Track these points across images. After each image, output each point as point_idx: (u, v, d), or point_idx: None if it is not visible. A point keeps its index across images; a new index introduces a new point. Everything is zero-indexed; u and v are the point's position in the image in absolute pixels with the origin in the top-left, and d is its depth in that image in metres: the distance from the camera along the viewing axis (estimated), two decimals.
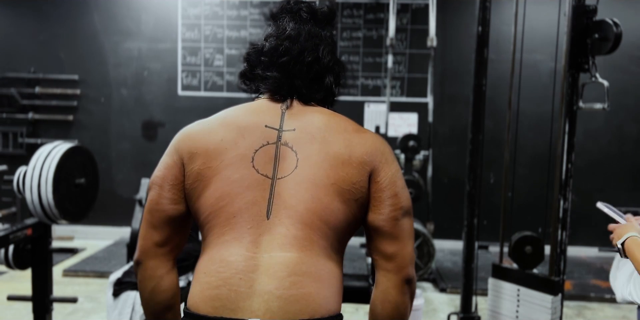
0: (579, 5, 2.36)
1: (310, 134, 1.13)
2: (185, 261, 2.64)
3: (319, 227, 1.07)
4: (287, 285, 1.01)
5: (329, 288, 1.06)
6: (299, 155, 1.10)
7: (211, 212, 1.09)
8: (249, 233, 1.05)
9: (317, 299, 1.02)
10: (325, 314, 1.03)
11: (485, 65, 2.74)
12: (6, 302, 2.84)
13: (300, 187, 1.07)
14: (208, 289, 1.03)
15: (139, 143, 5.49)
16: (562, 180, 2.45)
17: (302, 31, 1.19)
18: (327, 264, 1.07)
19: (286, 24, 1.21)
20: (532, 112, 4.47)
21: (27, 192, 2.40)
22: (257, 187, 1.08)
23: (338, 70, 1.23)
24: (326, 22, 1.25)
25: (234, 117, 1.17)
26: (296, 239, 1.05)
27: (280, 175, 1.09)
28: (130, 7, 5.38)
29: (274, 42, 1.19)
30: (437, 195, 5.00)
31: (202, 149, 1.13)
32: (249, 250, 1.04)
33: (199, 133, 1.16)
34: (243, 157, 1.10)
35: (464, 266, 2.84)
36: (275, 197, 1.07)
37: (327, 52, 1.20)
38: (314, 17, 1.23)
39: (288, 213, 1.06)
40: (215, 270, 1.05)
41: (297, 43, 1.18)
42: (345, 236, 1.14)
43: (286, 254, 1.03)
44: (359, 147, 1.13)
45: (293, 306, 1.00)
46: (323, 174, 1.09)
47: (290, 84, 1.18)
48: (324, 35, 1.22)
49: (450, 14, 5.17)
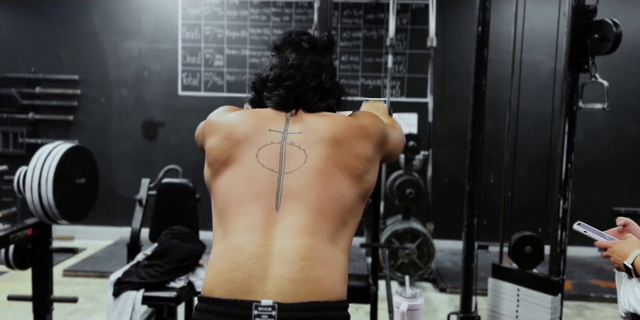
0: (579, 5, 2.36)
1: (317, 134, 1.20)
2: (185, 261, 2.64)
3: (329, 211, 1.13)
4: (298, 269, 1.06)
5: (336, 273, 1.11)
6: (307, 152, 1.17)
7: (224, 202, 1.17)
8: (260, 223, 1.11)
9: (326, 281, 1.08)
10: (332, 297, 1.08)
11: (485, 65, 2.74)
12: (6, 302, 2.84)
13: (312, 178, 1.14)
14: (222, 274, 1.08)
15: (139, 143, 5.49)
16: (562, 180, 2.45)
17: (304, 60, 1.30)
18: (334, 251, 1.13)
19: (289, 55, 1.31)
20: (532, 112, 4.47)
21: (27, 192, 2.40)
22: (263, 180, 1.15)
23: (339, 94, 1.34)
24: (326, 51, 1.36)
25: (240, 120, 1.25)
26: (306, 226, 1.10)
27: (288, 170, 1.16)
28: (130, 7, 5.38)
29: (278, 71, 1.29)
30: (437, 195, 5.00)
31: (225, 130, 1.24)
32: (261, 238, 1.09)
33: (223, 118, 1.29)
34: (248, 154, 1.18)
35: (464, 266, 2.84)
36: (283, 190, 1.13)
37: (329, 78, 1.31)
38: (314, 46, 1.33)
39: (298, 204, 1.12)
40: (229, 255, 1.09)
41: (300, 71, 1.28)
42: (354, 218, 1.20)
43: (296, 240, 1.09)
44: (359, 120, 1.27)
45: (303, 288, 1.05)
46: (332, 164, 1.16)
47: (295, 99, 1.27)
48: (324, 63, 1.33)
49: (450, 14, 5.17)
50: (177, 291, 2.50)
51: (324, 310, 1.05)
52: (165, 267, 2.57)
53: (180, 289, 2.52)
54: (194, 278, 2.64)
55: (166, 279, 2.54)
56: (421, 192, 4.39)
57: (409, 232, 4.26)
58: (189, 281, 2.61)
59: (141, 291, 2.46)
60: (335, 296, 1.08)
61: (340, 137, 1.19)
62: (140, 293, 2.46)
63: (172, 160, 4.98)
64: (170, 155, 5.39)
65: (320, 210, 1.12)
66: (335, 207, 1.14)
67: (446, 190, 5.23)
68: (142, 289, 2.47)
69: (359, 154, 1.20)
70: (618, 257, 1.41)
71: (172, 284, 2.54)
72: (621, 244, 1.42)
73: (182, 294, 2.52)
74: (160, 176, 3.22)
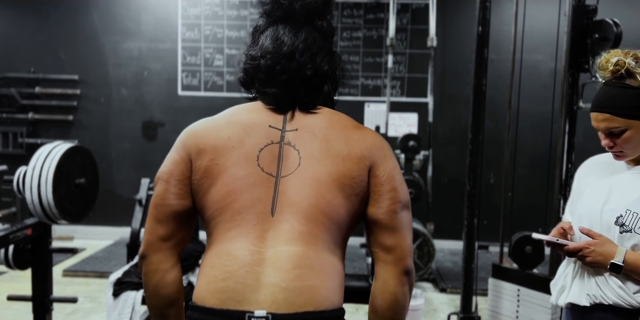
0: (579, 5, 2.36)
1: (311, 132, 1.16)
2: (185, 261, 2.64)
3: (322, 222, 1.10)
4: (292, 277, 1.04)
5: (332, 281, 1.09)
6: (301, 153, 1.13)
7: (217, 209, 1.12)
8: (255, 229, 1.08)
9: (322, 290, 1.05)
10: (329, 306, 1.05)
11: (485, 65, 2.73)
12: (6, 302, 2.84)
13: (304, 184, 1.11)
14: (214, 282, 1.05)
15: (139, 143, 5.48)
16: (562, 180, 2.45)
17: (297, 42, 1.19)
18: (330, 258, 1.11)
19: (282, 35, 1.20)
20: (532, 112, 4.46)
21: (27, 192, 2.40)
22: (261, 185, 1.11)
23: (336, 77, 1.25)
24: (321, 17, 1.24)
25: (240, 115, 1.19)
26: (301, 234, 1.08)
27: (284, 173, 1.12)
28: (130, 7, 5.38)
29: (270, 60, 1.19)
30: (437, 195, 5.00)
31: (210, 145, 1.14)
32: (254, 245, 1.07)
33: (206, 130, 1.17)
34: (249, 156, 1.13)
35: (464, 266, 2.84)
36: (279, 195, 1.10)
37: (326, 61, 1.21)
38: (309, 16, 1.22)
39: (292, 210, 1.09)
40: (221, 263, 1.07)
41: (294, 60, 1.18)
42: (347, 231, 1.17)
43: (291, 248, 1.06)
44: (359, 143, 1.16)
45: (298, 298, 1.03)
46: (325, 171, 1.12)
47: (290, 98, 1.20)
48: (320, 42, 1.22)
49: (450, 14, 5.17)
50: None
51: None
52: None
53: None
54: (194, 278, 2.64)
55: None
56: (421, 192, 4.39)
57: None
58: (189, 281, 2.61)
59: (141, 291, 2.46)
60: (331, 305, 1.06)
61: (332, 139, 1.15)
62: (140, 293, 2.46)
63: None
64: None
65: (314, 220, 1.09)
66: (329, 220, 1.11)
67: (446, 190, 5.23)
68: (142, 289, 2.47)
69: (350, 169, 1.14)
70: (599, 257, 1.44)
71: None
72: (598, 245, 1.45)
73: None
74: None
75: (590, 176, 1.63)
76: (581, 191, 1.62)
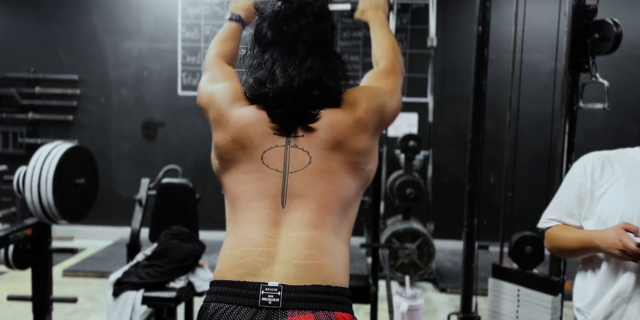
0: (579, 5, 2.35)
1: (319, 137, 1.21)
2: (185, 261, 2.64)
3: (333, 205, 1.19)
4: (303, 256, 1.14)
5: (339, 262, 1.19)
6: (311, 154, 1.20)
7: (233, 197, 1.22)
8: (268, 218, 1.18)
9: (329, 269, 1.15)
10: (334, 283, 1.15)
11: (485, 65, 2.73)
12: (6, 302, 2.84)
13: (316, 177, 1.19)
14: (233, 260, 1.16)
15: (139, 143, 5.48)
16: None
17: (305, 75, 1.23)
18: (337, 242, 1.20)
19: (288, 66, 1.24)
20: (532, 112, 4.45)
21: (27, 192, 2.40)
22: (269, 180, 1.19)
23: (341, 87, 1.30)
24: (321, 20, 1.29)
25: (247, 122, 1.24)
26: (311, 220, 1.17)
27: (293, 169, 1.20)
28: (130, 7, 5.38)
29: (281, 95, 1.22)
30: (437, 195, 5.00)
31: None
32: (268, 231, 1.17)
33: None
34: (253, 156, 1.21)
35: (464, 266, 2.84)
36: (289, 188, 1.18)
37: (333, 80, 1.27)
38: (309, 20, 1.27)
39: (303, 201, 1.18)
40: (240, 245, 1.17)
41: (303, 93, 1.22)
42: (354, 207, 1.26)
43: (302, 233, 1.16)
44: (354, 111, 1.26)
45: (307, 273, 1.13)
46: (335, 164, 1.20)
47: (296, 117, 1.23)
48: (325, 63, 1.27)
49: (450, 14, 5.17)
50: (176, 291, 2.50)
51: (326, 293, 1.12)
52: (165, 268, 2.57)
53: (180, 289, 2.52)
54: (194, 278, 2.63)
55: (166, 279, 2.54)
56: (421, 192, 4.39)
57: (409, 232, 4.25)
58: (189, 281, 2.61)
59: (141, 291, 2.46)
60: (337, 282, 1.15)
61: (340, 138, 1.21)
62: (140, 293, 2.46)
63: (171, 160, 4.97)
64: (170, 155, 5.38)
65: (324, 204, 1.18)
66: (338, 201, 1.20)
67: (446, 190, 5.23)
68: (142, 289, 2.47)
69: (359, 151, 1.22)
70: (623, 241, 1.33)
71: (172, 284, 2.54)
72: (607, 232, 1.39)
73: (181, 294, 2.51)
74: (160, 176, 3.22)
75: (607, 174, 1.51)
76: (602, 191, 1.50)
